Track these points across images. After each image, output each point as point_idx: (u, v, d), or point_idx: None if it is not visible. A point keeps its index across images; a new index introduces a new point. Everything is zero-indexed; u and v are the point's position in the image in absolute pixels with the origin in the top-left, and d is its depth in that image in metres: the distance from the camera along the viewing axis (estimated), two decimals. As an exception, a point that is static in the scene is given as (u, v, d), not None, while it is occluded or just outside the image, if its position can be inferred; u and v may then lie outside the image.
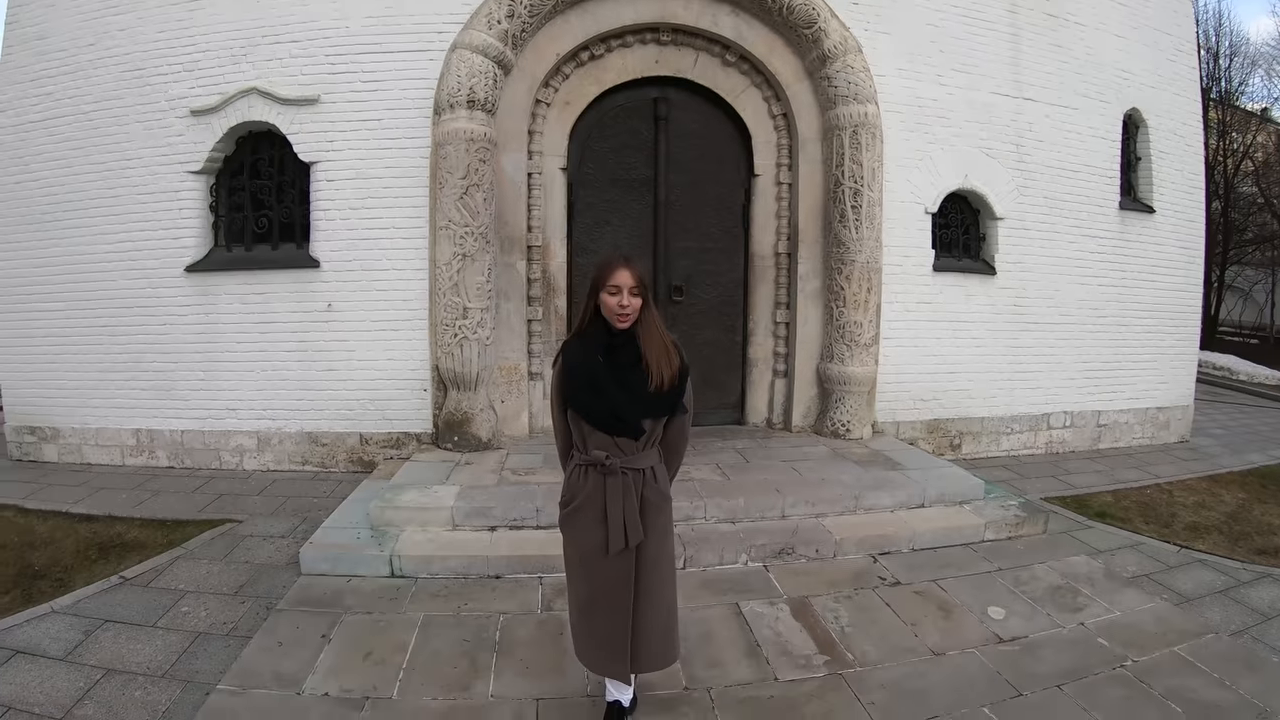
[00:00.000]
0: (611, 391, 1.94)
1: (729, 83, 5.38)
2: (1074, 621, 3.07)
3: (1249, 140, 17.48)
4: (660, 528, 2.11)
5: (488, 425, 4.95)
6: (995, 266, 5.90)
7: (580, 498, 2.05)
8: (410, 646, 2.81)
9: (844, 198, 5.16)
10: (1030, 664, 2.73)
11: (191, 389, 5.39)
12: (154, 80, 5.37)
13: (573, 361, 2.01)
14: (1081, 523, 4.47)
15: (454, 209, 4.74)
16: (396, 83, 5.07)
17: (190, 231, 5.36)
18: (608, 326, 1.98)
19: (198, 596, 3.30)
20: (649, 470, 2.06)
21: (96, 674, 2.65)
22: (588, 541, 2.05)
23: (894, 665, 2.73)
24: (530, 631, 2.95)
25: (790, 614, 3.12)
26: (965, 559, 3.73)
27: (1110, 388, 6.47)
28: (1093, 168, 6.24)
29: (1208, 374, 10.82)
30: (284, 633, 2.91)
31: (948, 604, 3.22)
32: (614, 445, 2.00)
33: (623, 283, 1.94)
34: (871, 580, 3.47)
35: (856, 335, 5.20)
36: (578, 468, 2.08)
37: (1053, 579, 3.49)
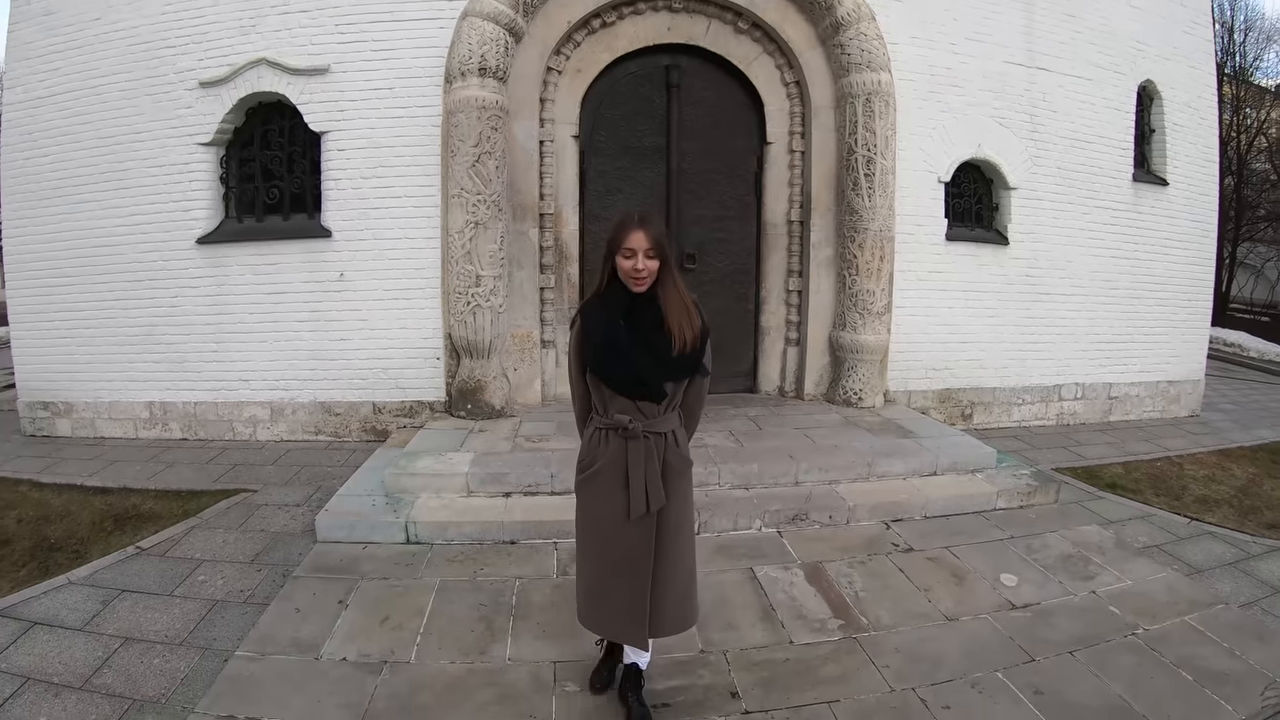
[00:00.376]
0: (634, 355, 1.89)
1: (741, 50, 5.33)
2: (1085, 589, 3.08)
3: (1263, 116, 17.29)
4: (681, 492, 2.07)
5: (501, 393, 4.96)
6: (1008, 236, 5.87)
7: (601, 462, 2.00)
8: (427, 611, 2.82)
9: (857, 166, 5.13)
10: (1043, 630, 2.74)
11: (204, 361, 5.40)
12: (162, 53, 5.34)
13: (592, 324, 1.96)
14: (1092, 493, 4.47)
15: (466, 177, 4.73)
16: (407, 51, 5.04)
17: (201, 204, 5.35)
18: (627, 289, 1.92)
19: (214, 565, 3.31)
20: (670, 434, 2.02)
21: (115, 643, 2.66)
22: (607, 506, 2.00)
23: (908, 630, 2.74)
24: (546, 595, 2.96)
25: (804, 579, 3.13)
26: (977, 527, 3.74)
27: (1122, 360, 6.45)
28: (1106, 139, 6.20)
29: (1219, 350, 10.75)
30: (301, 599, 2.92)
31: (960, 570, 3.23)
32: (636, 409, 1.96)
33: (637, 245, 1.86)
34: (884, 546, 3.48)
35: (869, 303, 5.19)
36: (597, 431, 2.02)
37: (1064, 547, 3.49)
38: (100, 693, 2.38)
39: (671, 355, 1.90)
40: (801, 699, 2.33)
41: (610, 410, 1.97)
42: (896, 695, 2.35)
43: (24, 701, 2.33)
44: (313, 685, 2.37)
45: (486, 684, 2.39)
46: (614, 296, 1.94)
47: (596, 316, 1.96)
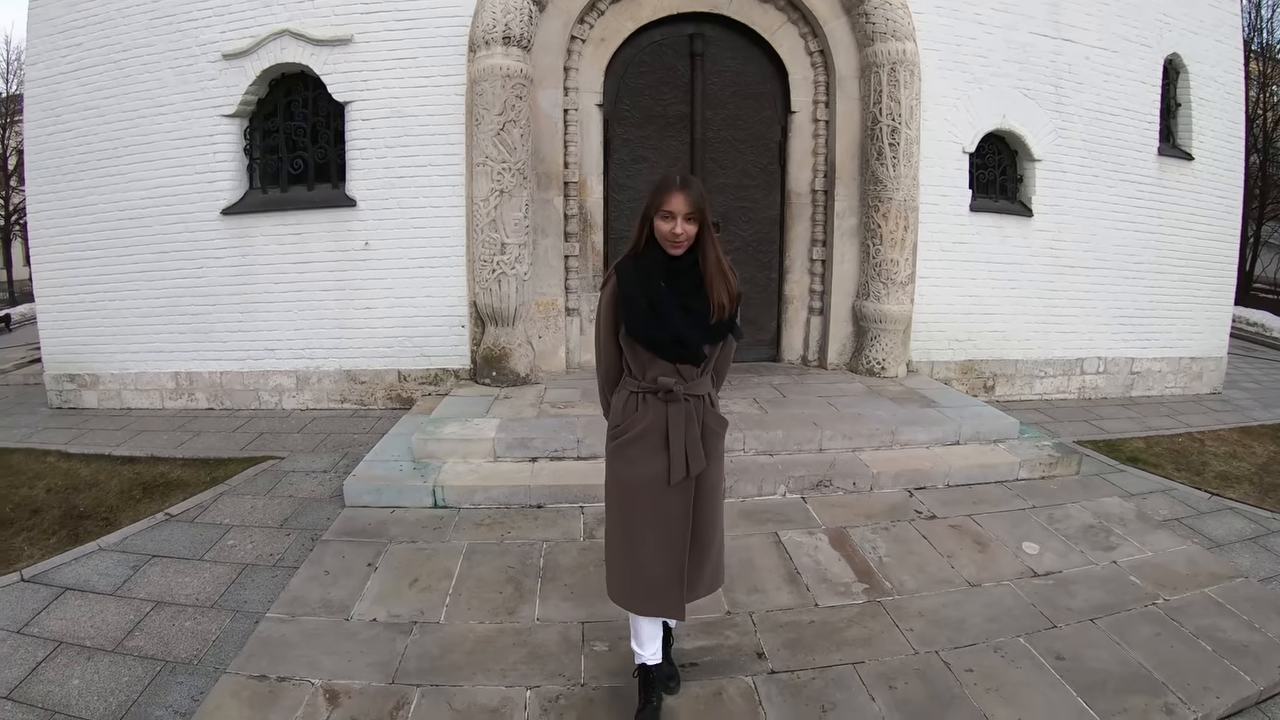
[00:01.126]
0: (675, 317, 1.84)
1: (765, 19, 5.30)
2: (1106, 560, 3.07)
3: None
4: (717, 454, 2.03)
5: (525, 360, 4.98)
6: (1032, 209, 5.83)
7: (640, 426, 1.92)
8: (456, 573, 2.84)
9: (882, 135, 5.10)
10: (1064, 598, 2.74)
11: (229, 330, 5.45)
12: (185, 26, 5.36)
13: (630, 287, 1.88)
14: (1114, 466, 4.46)
15: (491, 145, 4.73)
16: (430, 20, 5.04)
17: (225, 175, 5.37)
18: (664, 251, 1.86)
19: (243, 530, 3.34)
20: (707, 396, 1.97)
21: (146, 606, 2.69)
22: (644, 471, 1.93)
23: (931, 595, 2.74)
24: (574, 558, 2.97)
25: (829, 543, 3.13)
26: (1000, 496, 3.73)
27: (1144, 335, 6.41)
28: (1132, 112, 6.14)
29: (1241, 329, 10.65)
30: (330, 562, 2.94)
31: (983, 538, 3.22)
32: (675, 373, 1.90)
33: (677, 208, 1.80)
34: (908, 513, 3.48)
35: (893, 273, 5.17)
36: (633, 395, 1.95)
37: (1086, 518, 3.48)
38: (133, 655, 2.41)
39: (709, 318, 1.87)
40: (827, 660, 2.34)
41: (649, 373, 1.92)
42: (920, 658, 2.36)
43: (57, 664, 2.36)
44: (344, 645, 2.39)
45: (516, 644, 2.41)
46: (651, 258, 1.88)
47: (634, 278, 1.89)
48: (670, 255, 1.86)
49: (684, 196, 1.80)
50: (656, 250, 1.87)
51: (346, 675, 2.24)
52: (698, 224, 1.83)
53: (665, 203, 1.81)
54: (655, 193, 1.85)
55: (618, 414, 1.99)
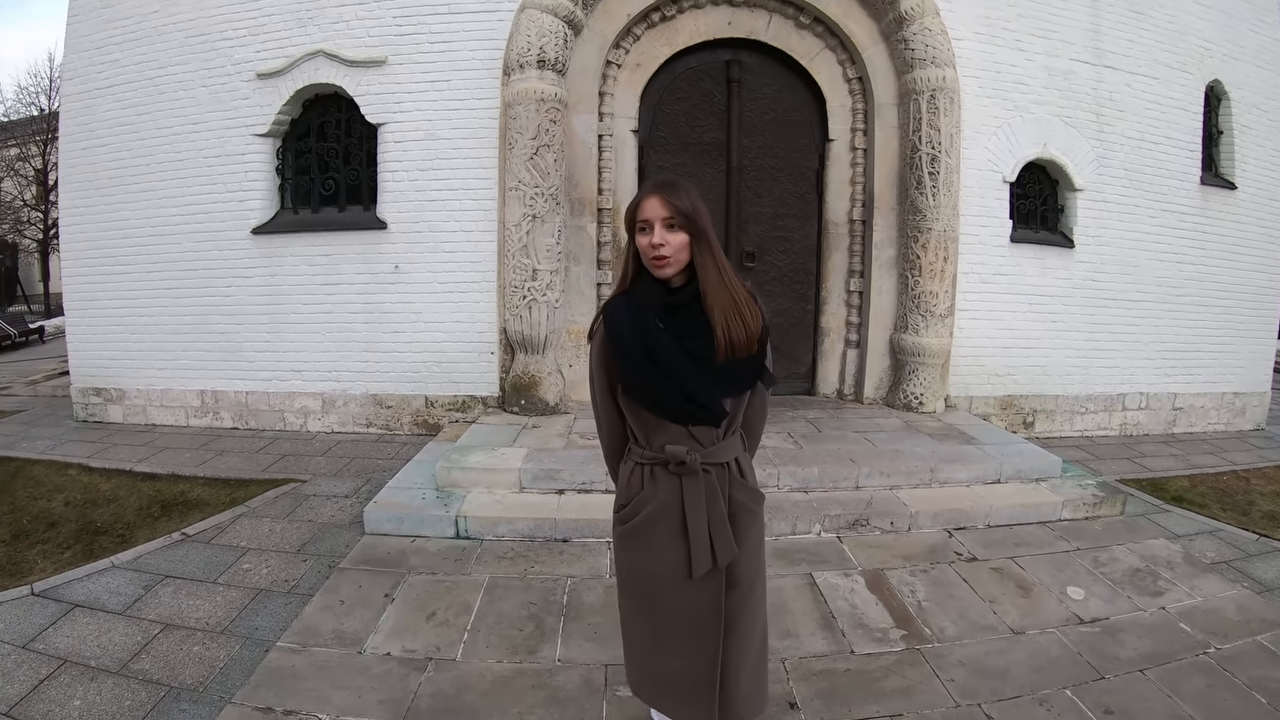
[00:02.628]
0: (680, 367, 1.47)
1: (803, 46, 5.24)
2: (1155, 605, 2.97)
3: None
4: (754, 537, 1.65)
5: (555, 389, 4.90)
6: (1073, 239, 5.69)
7: (650, 507, 1.56)
8: (475, 608, 2.77)
9: (921, 164, 5.00)
10: (1112, 647, 2.63)
11: (257, 350, 5.42)
12: (219, 45, 5.39)
13: (620, 330, 1.50)
14: (1158, 506, 4.33)
15: (524, 169, 4.68)
16: (465, 43, 5.02)
17: (256, 194, 5.37)
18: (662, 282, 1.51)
19: (259, 554, 3.29)
20: (734, 464, 1.59)
21: (155, 629, 2.64)
22: (661, 563, 1.57)
23: (973, 642, 2.64)
24: (599, 596, 2.89)
25: (865, 586, 3.03)
26: (1042, 537, 3.63)
27: (1187, 369, 6.24)
28: (1173, 140, 6.01)
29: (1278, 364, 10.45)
30: (346, 591, 2.88)
31: (1026, 582, 3.12)
32: (689, 436, 1.53)
33: (651, 215, 1.44)
34: (947, 555, 3.38)
35: (932, 306, 5.06)
36: (639, 468, 1.59)
37: (1132, 561, 3.37)
38: (137, 678, 2.35)
39: (725, 362, 1.49)
40: (863, 712, 2.24)
41: (655, 441, 1.55)
42: (962, 711, 2.25)
43: (60, 683, 2.32)
44: (355, 680, 2.33)
45: (535, 685, 2.33)
46: (645, 291, 1.51)
47: (624, 320, 1.50)
48: (668, 286, 1.50)
49: (659, 199, 1.44)
50: (650, 282, 1.51)
51: (356, 712, 2.17)
52: (686, 234, 1.45)
53: (639, 211, 1.47)
54: (631, 206, 1.50)
55: (623, 490, 1.64)
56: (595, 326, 1.59)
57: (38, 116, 19.86)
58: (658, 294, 1.50)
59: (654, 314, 1.48)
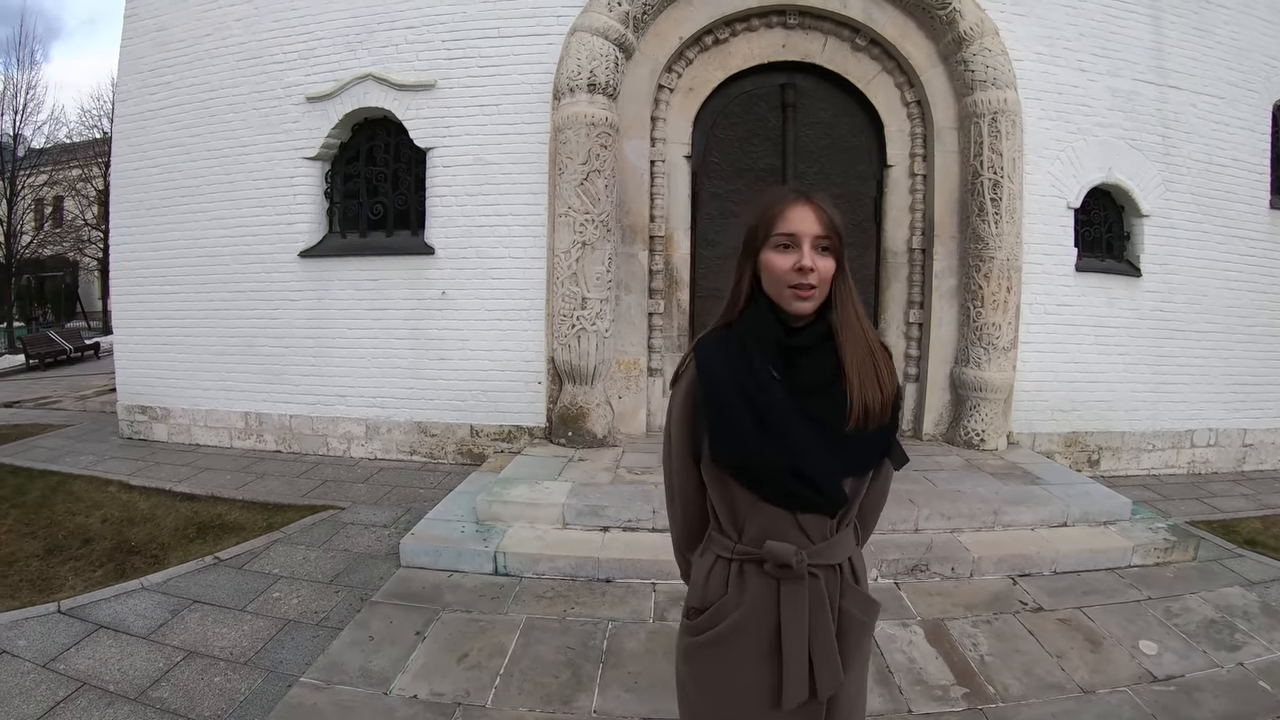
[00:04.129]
0: (795, 432, 1.15)
1: (859, 69, 5.12)
2: (1232, 661, 2.79)
3: None
4: (861, 659, 1.31)
5: (603, 421, 4.81)
6: (1140, 268, 5.47)
7: (735, 616, 1.22)
8: (510, 651, 2.67)
9: (983, 190, 4.84)
10: (1188, 708, 2.47)
11: (302, 374, 5.41)
12: (270, 68, 5.44)
13: (717, 375, 1.18)
14: (1231, 550, 4.11)
15: (574, 195, 4.62)
16: (514, 67, 4.99)
17: (304, 217, 5.39)
18: (778, 315, 1.18)
19: (291, 582, 3.24)
20: (846, 565, 1.26)
21: (177, 655, 2.60)
22: (742, 689, 1.23)
23: (1039, 702, 2.47)
24: (641, 643, 2.76)
25: (925, 638, 2.88)
26: (1111, 585, 3.45)
27: (1257, 403, 5.95)
28: (1241, 162, 5.77)
29: None
30: (376, 626, 2.81)
31: (1095, 635, 2.95)
32: (795, 528, 1.19)
33: (802, 229, 1.14)
34: (1011, 604, 3.20)
35: (995, 338, 4.87)
36: (722, 563, 1.25)
37: (1207, 612, 3.19)
38: (154, 707, 2.31)
39: (854, 431, 1.17)
40: None
41: (749, 528, 1.21)
42: None
43: (76, 707, 2.29)
44: None
45: None
46: (756, 327, 1.19)
47: (725, 362, 1.18)
48: (786, 323, 1.18)
49: (811, 210, 1.15)
50: (764, 314, 1.19)
51: (375, 759, 2.07)
52: (834, 261, 1.17)
53: (782, 220, 1.16)
54: (764, 211, 1.19)
55: (699, 589, 1.28)
56: (683, 368, 1.27)
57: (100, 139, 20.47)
58: (772, 331, 1.17)
59: (768, 360, 1.17)
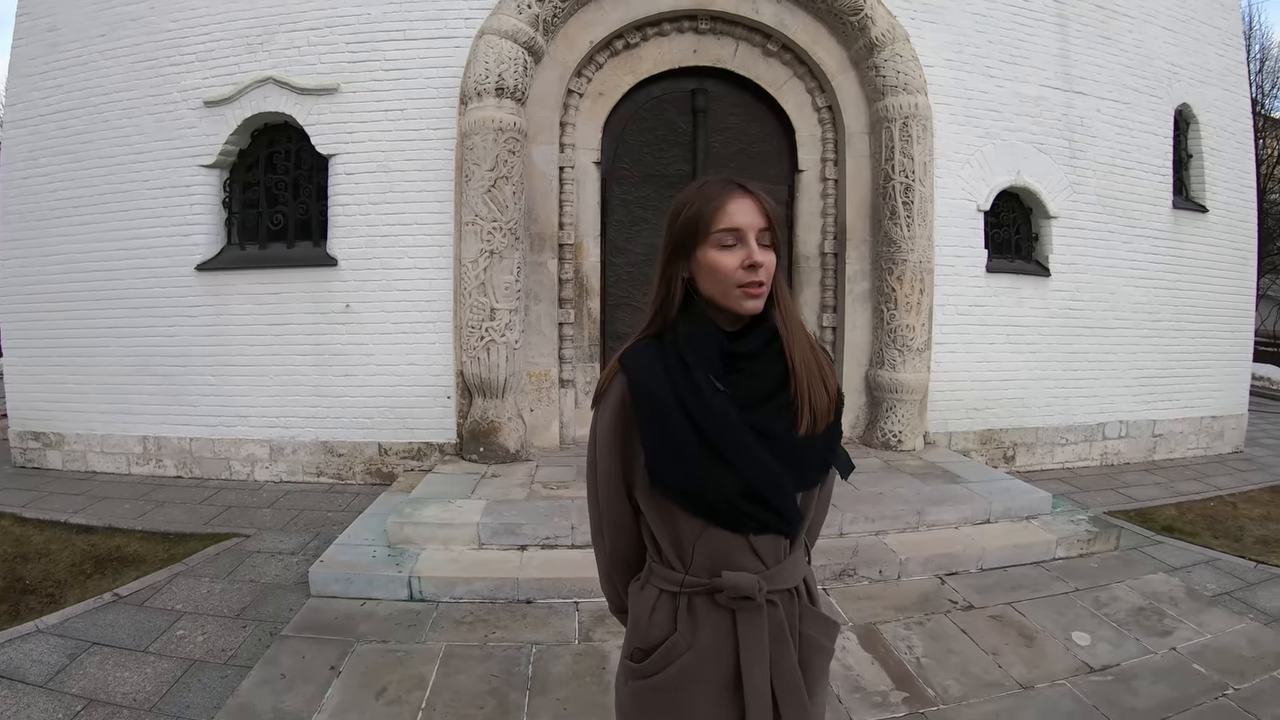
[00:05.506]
0: (747, 448, 1.03)
1: (770, 74, 5.12)
2: (1165, 646, 2.86)
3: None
4: (824, 686, 1.21)
5: (516, 435, 4.67)
6: (1049, 268, 5.61)
7: (688, 656, 1.09)
8: (430, 682, 2.54)
9: (895, 194, 4.88)
10: (1127, 697, 2.50)
11: (201, 394, 5.14)
12: (166, 71, 5.18)
13: (654, 391, 1.05)
14: (1150, 538, 4.26)
15: (481, 203, 4.48)
16: (420, 71, 4.84)
17: (202, 228, 5.13)
18: (713, 320, 1.07)
19: (195, 618, 3.06)
20: (802, 586, 1.15)
21: (77, 705, 2.41)
22: None
23: (980, 701, 2.46)
24: (567, 666, 2.66)
25: (858, 643, 2.85)
26: (1039, 579, 3.51)
27: (1165, 396, 6.17)
28: (1145, 165, 5.99)
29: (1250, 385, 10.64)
30: (288, 663, 2.65)
31: (1028, 630, 2.99)
32: (749, 552, 1.08)
33: (746, 223, 1.02)
34: (942, 604, 3.22)
35: (909, 340, 4.92)
36: (668, 598, 1.11)
37: (1134, 599, 3.28)
38: None
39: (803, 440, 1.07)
40: None
41: (697, 557, 1.08)
42: None
43: None
44: None
45: None
46: (695, 334, 1.06)
47: (661, 377, 1.05)
48: (723, 329, 1.07)
49: (754, 203, 1.04)
50: (703, 321, 1.07)
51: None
52: (776, 255, 1.07)
53: (722, 216, 1.03)
54: (699, 207, 1.05)
55: (641, 628, 1.14)
56: (606, 384, 1.11)
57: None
58: (713, 338, 1.05)
59: (706, 368, 1.04)
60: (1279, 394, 11.03)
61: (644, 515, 1.13)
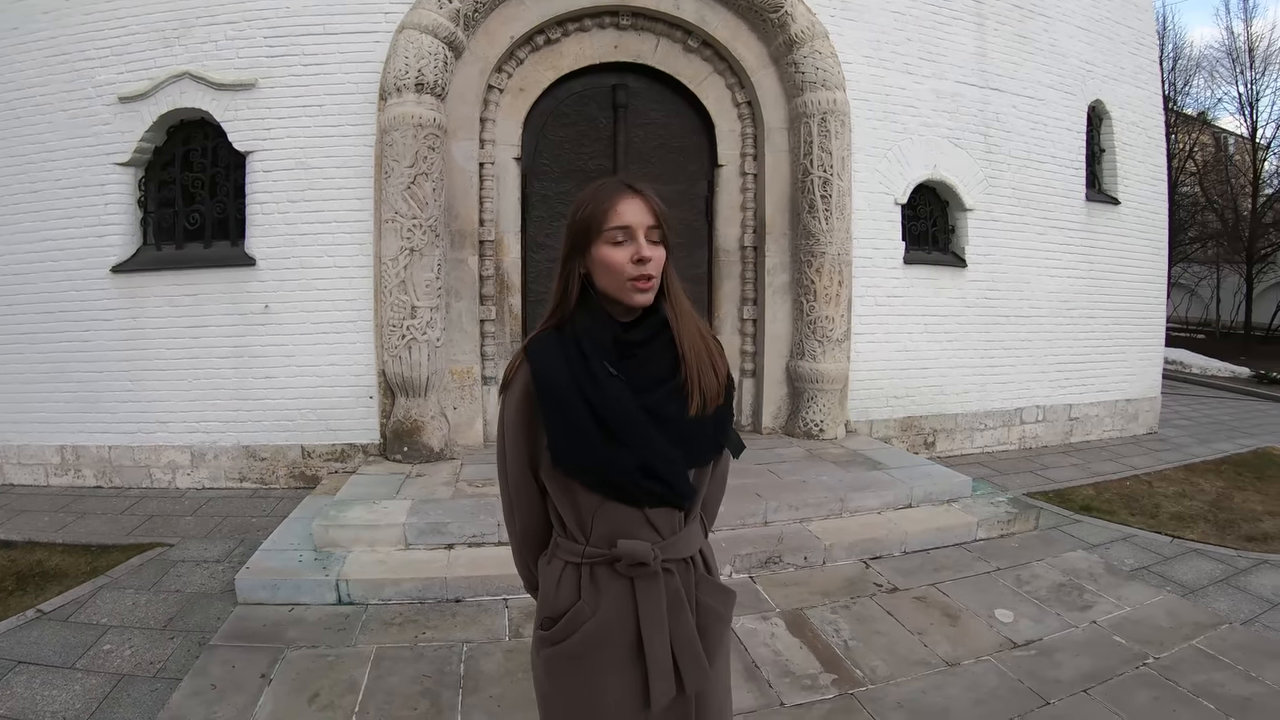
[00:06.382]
0: (641, 430, 1.13)
1: (691, 70, 5.18)
2: (1085, 620, 2.98)
3: (1192, 142, 18.17)
4: (724, 651, 1.29)
5: (439, 434, 4.65)
6: (965, 259, 5.81)
7: (590, 625, 1.17)
8: (363, 685, 2.53)
9: (813, 187, 4.99)
10: (1050, 669, 2.60)
11: (119, 400, 4.99)
12: (80, 66, 5.00)
13: (553, 379, 1.14)
14: (1069, 517, 4.44)
15: (401, 200, 4.45)
16: (340, 66, 4.77)
17: (117, 229, 4.98)
18: (607, 312, 1.16)
19: (122, 632, 2.99)
20: (698, 557, 1.24)
21: None
22: (608, 697, 1.18)
23: (907, 680, 2.55)
24: (498, 663, 2.68)
25: (786, 629, 2.92)
26: (961, 560, 3.62)
27: (1080, 381, 6.44)
28: (1059, 159, 6.23)
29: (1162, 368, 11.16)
30: (218, 673, 2.61)
31: (952, 609, 3.09)
32: (645, 524, 1.17)
33: (634, 220, 1.11)
34: (867, 587, 3.31)
35: (828, 330, 5.03)
36: (572, 569, 1.20)
37: (1054, 576, 3.41)
38: None
39: (694, 421, 1.16)
40: None
41: (597, 529, 1.17)
42: None
43: None
44: None
45: None
46: (591, 324, 1.16)
47: (560, 365, 1.14)
48: (619, 319, 1.16)
49: (642, 201, 1.13)
50: (597, 312, 1.16)
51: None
52: (665, 250, 1.15)
53: (613, 215, 1.12)
54: (592, 207, 1.14)
55: (550, 598, 1.22)
56: (512, 372, 1.20)
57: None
58: (608, 328, 1.15)
59: (602, 356, 1.13)
60: (1192, 377, 11.56)
61: (549, 494, 1.22)
